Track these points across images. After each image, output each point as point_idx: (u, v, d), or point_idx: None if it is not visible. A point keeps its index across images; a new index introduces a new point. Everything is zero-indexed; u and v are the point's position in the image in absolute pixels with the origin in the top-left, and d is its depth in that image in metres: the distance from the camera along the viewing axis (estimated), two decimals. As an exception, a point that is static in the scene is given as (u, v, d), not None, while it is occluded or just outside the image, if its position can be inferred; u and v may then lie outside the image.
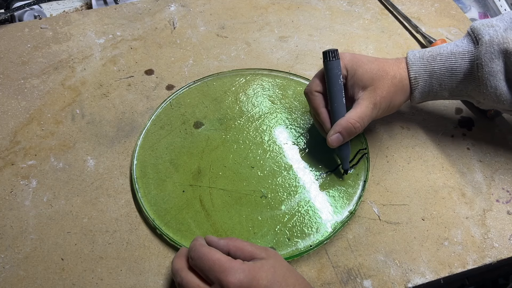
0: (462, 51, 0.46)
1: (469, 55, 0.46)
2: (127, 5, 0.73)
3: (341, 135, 0.46)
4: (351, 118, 0.46)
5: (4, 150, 0.53)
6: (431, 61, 0.47)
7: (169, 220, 0.47)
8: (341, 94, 0.47)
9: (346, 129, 0.46)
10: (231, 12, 0.72)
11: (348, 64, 0.48)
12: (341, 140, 0.47)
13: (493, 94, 0.45)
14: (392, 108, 0.49)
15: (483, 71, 0.44)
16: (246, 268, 0.35)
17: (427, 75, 0.47)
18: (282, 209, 0.47)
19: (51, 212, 0.48)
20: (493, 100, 0.45)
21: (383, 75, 0.47)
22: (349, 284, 0.43)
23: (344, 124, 0.46)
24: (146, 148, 0.53)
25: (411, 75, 0.48)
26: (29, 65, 0.63)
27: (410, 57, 0.48)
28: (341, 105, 0.47)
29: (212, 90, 0.59)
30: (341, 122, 0.46)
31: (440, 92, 0.48)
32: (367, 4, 0.74)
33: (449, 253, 0.45)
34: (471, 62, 0.45)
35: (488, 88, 0.45)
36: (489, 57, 0.44)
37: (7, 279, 0.43)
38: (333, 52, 0.47)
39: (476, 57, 0.45)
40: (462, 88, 0.47)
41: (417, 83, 0.48)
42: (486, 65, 0.44)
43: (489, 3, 0.79)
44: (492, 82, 0.44)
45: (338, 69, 0.47)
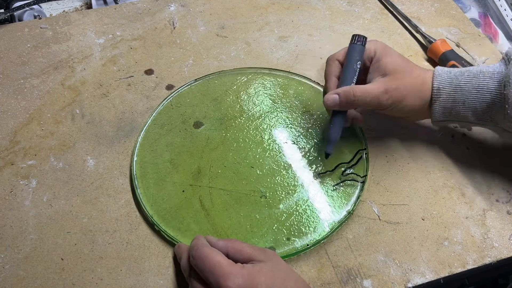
0: (492, 71, 0.45)
1: (498, 75, 0.44)
2: (127, 5, 0.73)
3: (338, 97, 0.46)
4: (356, 87, 0.45)
5: (4, 150, 0.53)
6: (458, 76, 0.46)
7: (168, 219, 0.47)
8: (352, 77, 0.47)
9: (345, 94, 0.45)
10: (231, 12, 0.72)
11: (378, 49, 0.48)
12: (337, 103, 0.46)
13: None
14: (403, 107, 0.47)
15: (510, 89, 0.42)
16: (246, 273, 0.35)
17: (451, 89, 0.46)
18: (280, 208, 0.47)
19: (51, 212, 0.48)
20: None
21: (407, 71, 0.47)
22: (349, 284, 0.43)
23: (346, 89, 0.45)
24: (146, 147, 0.53)
25: (434, 84, 0.46)
26: (29, 65, 0.63)
27: (438, 69, 0.47)
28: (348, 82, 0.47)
29: (212, 89, 0.59)
30: (344, 87, 0.46)
31: (463, 111, 0.46)
32: (367, 4, 0.74)
33: (449, 253, 0.45)
34: (499, 82, 0.43)
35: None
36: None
37: (7, 279, 0.43)
38: (360, 38, 0.47)
39: (505, 75, 0.43)
40: (487, 110, 0.45)
41: (439, 94, 0.46)
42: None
43: (489, 3, 0.79)
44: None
45: (359, 55, 0.47)
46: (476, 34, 0.68)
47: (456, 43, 0.66)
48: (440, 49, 0.62)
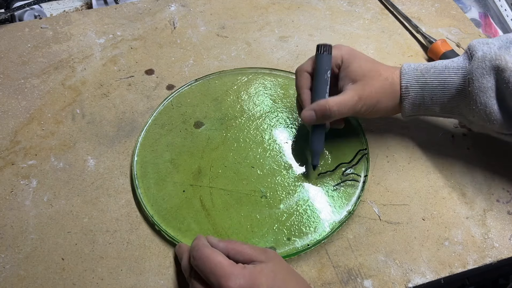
0: (456, 66, 0.46)
1: (462, 71, 0.45)
2: (127, 5, 0.73)
3: (314, 113, 0.46)
4: (330, 101, 0.46)
5: (4, 150, 0.53)
6: (424, 73, 0.47)
7: (169, 219, 0.47)
8: (324, 88, 0.47)
9: (321, 109, 0.46)
10: (231, 12, 0.72)
11: (344, 55, 0.48)
12: (314, 119, 0.46)
13: (482, 112, 0.44)
14: (377, 110, 0.48)
15: (474, 86, 0.43)
16: (247, 273, 0.35)
17: (419, 86, 0.47)
18: (281, 208, 0.47)
19: (51, 212, 0.48)
20: (483, 119, 0.44)
21: (375, 75, 0.47)
22: (350, 284, 0.43)
23: (322, 103, 0.46)
24: (147, 147, 0.53)
25: (402, 83, 0.47)
26: (29, 65, 0.63)
27: (405, 67, 0.48)
28: (321, 94, 0.47)
29: (213, 89, 0.59)
30: (319, 101, 0.46)
31: (432, 106, 0.48)
32: (367, 4, 0.74)
33: (450, 253, 0.45)
34: (464, 77, 0.45)
35: (478, 104, 0.44)
36: (480, 72, 0.43)
37: (8, 279, 0.43)
38: (326, 47, 0.47)
39: (469, 72, 0.44)
40: (454, 105, 0.47)
41: (407, 92, 0.47)
42: (477, 80, 0.43)
43: (489, 3, 0.79)
44: (482, 98, 0.43)
45: (327, 65, 0.47)
46: (476, 34, 0.68)
47: (457, 43, 0.66)
48: (440, 49, 0.62)
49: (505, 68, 0.42)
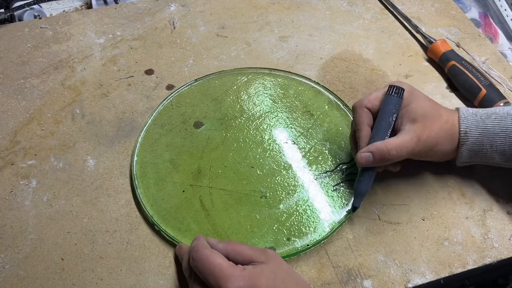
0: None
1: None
2: (127, 5, 0.73)
3: (372, 155, 0.43)
4: (389, 143, 0.43)
5: (4, 150, 0.53)
6: (484, 118, 0.45)
7: (169, 219, 0.47)
8: (387, 130, 0.45)
9: (380, 152, 0.43)
10: (231, 12, 0.72)
11: (405, 93, 0.46)
12: (370, 161, 0.43)
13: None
14: (435, 153, 0.46)
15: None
16: (246, 275, 0.35)
17: (478, 132, 0.45)
18: (281, 208, 0.47)
19: (51, 212, 0.48)
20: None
21: (436, 115, 0.45)
22: (349, 284, 0.43)
23: (380, 146, 0.43)
24: (146, 147, 0.53)
25: (461, 128, 0.45)
26: (29, 64, 0.63)
27: (463, 111, 0.46)
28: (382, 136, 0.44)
29: (213, 89, 0.59)
30: (377, 143, 0.43)
31: (491, 154, 0.45)
32: (367, 4, 0.74)
33: (449, 253, 0.45)
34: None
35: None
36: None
37: (7, 279, 0.43)
38: (398, 89, 0.45)
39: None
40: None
41: (466, 138, 0.45)
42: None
43: (489, 3, 0.79)
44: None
45: (395, 107, 0.45)
46: (476, 34, 0.68)
47: (456, 43, 0.66)
48: (440, 49, 0.62)
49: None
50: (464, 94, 0.59)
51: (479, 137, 0.45)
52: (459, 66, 0.59)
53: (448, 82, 0.61)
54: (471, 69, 0.58)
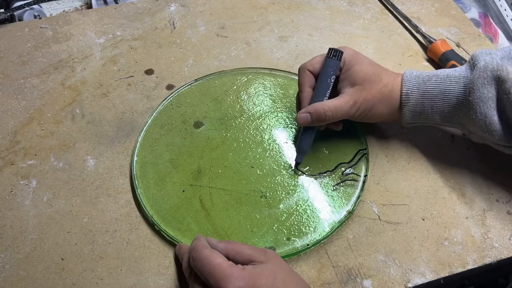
0: (458, 75, 0.46)
1: (463, 80, 0.45)
2: (127, 5, 0.73)
3: (310, 116, 0.47)
4: (326, 105, 0.46)
5: (4, 150, 0.53)
6: (426, 81, 0.47)
7: (169, 219, 0.47)
8: (325, 92, 0.48)
9: (317, 112, 0.46)
10: (231, 12, 0.72)
11: (347, 58, 0.48)
12: (309, 121, 0.47)
13: (482, 122, 0.43)
14: (372, 115, 0.49)
15: (474, 95, 0.43)
16: (246, 275, 0.35)
17: (419, 94, 0.47)
18: (281, 208, 0.47)
19: (51, 212, 0.48)
20: (483, 130, 0.44)
21: (375, 79, 0.48)
22: (349, 284, 0.43)
23: (317, 107, 0.47)
24: (146, 147, 0.53)
25: (403, 90, 0.47)
26: (29, 64, 0.63)
27: (406, 74, 0.48)
28: (321, 97, 0.48)
29: (213, 89, 0.59)
30: (315, 104, 0.47)
31: (432, 115, 0.47)
32: (367, 4, 0.74)
33: (449, 253, 0.45)
34: (465, 86, 0.45)
35: (478, 114, 0.43)
36: (482, 82, 0.43)
37: (7, 279, 0.43)
38: (336, 52, 0.48)
39: (470, 81, 0.44)
40: (454, 114, 0.46)
41: (408, 100, 0.47)
42: (478, 89, 0.43)
43: (489, 3, 0.79)
44: (482, 108, 0.43)
45: (334, 70, 0.48)
46: (476, 34, 0.68)
47: (456, 43, 0.66)
48: (440, 49, 0.62)
49: (506, 79, 0.41)
50: (464, 94, 0.59)
51: (420, 98, 0.47)
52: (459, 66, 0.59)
53: (448, 82, 0.61)
54: (471, 69, 0.58)
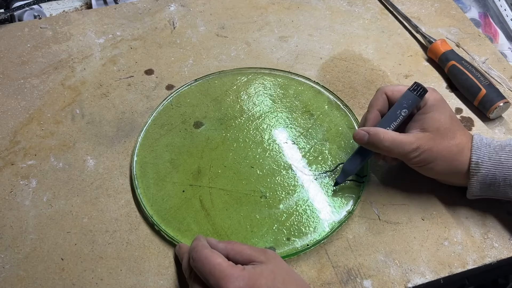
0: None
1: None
2: (127, 5, 0.73)
3: (368, 136, 0.44)
4: (387, 134, 0.43)
5: (4, 150, 0.53)
6: (498, 150, 0.43)
7: (168, 219, 0.47)
8: (392, 121, 0.45)
9: (375, 136, 0.43)
10: (231, 12, 0.72)
11: (430, 101, 0.45)
12: (363, 141, 0.44)
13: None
14: (430, 169, 0.45)
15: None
16: (246, 275, 0.35)
17: (491, 164, 0.43)
18: (280, 208, 0.47)
19: (51, 212, 0.48)
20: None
21: (448, 135, 0.44)
22: (349, 284, 0.43)
23: (379, 131, 0.43)
24: (146, 147, 0.53)
25: (473, 159, 0.43)
26: (29, 65, 0.63)
27: (476, 140, 0.44)
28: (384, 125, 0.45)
29: (212, 89, 0.59)
30: (378, 128, 0.44)
31: (504, 188, 0.43)
32: (367, 4, 0.74)
33: (449, 253, 0.45)
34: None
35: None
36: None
37: (7, 279, 0.43)
38: (419, 88, 0.44)
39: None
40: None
41: (478, 169, 0.43)
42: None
43: (489, 3, 0.79)
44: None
45: (408, 104, 0.44)
46: (476, 34, 0.68)
47: (456, 43, 0.66)
48: (440, 49, 0.62)
49: None
50: (464, 94, 0.59)
51: (492, 169, 0.43)
52: (459, 66, 0.59)
53: (448, 82, 0.61)
54: (471, 69, 0.58)
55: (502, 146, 0.43)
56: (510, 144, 0.43)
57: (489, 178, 0.43)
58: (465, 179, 0.45)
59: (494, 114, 0.55)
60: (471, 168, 0.43)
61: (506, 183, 0.42)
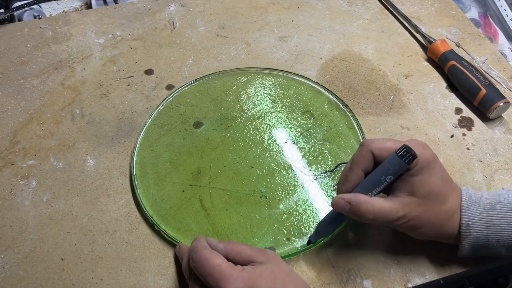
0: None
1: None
2: (126, 5, 0.73)
3: (349, 206, 0.39)
4: (370, 204, 0.38)
5: (4, 150, 0.53)
6: (488, 210, 0.40)
7: (168, 219, 0.47)
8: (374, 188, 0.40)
9: (357, 208, 0.39)
10: (231, 12, 0.72)
11: (421, 162, 0.39)
12: (344, 211, 0.39)
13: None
14: (417, 234, 0.41)
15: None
16: (246, 276, 0.35)
17: (482, 225, 0.40)
18: (280, 208, 0.47)
19: (50, 212, 0.48)
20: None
21: (439, 200, 0.40)
22: (349, 284, 0.43)
23: (361, 202, 0.38)
24: (146, 147, 0.53)
25: (463, 220, 0.40)
26: (29, 65, 0.63)
27: (465, 198, 0.41)
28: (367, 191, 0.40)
29: (212, 89, 0.59)
30: (360, 198, 0.39)
31: (497, 248, 0.40)
32: (367, 4, 0.74)
33: (449, 253, 0.45)
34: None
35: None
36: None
37: (7, 279, 0.43)
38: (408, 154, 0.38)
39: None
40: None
41: (468, 232, 0.40)
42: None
43: (489, 3, 0.79)
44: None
45: (394, 170, 0.39)
46: (476, 34, 0.68)
47: (456, 43, 0.66)
48: (440, 49, 0.62)
49: None
50: (463, 94, 0.59)
51: (484, 230, 0.40)
52: (459, 66, 0.59)
53: (447, 82, 0.61)
54: (471, 69, 0.58)
55: (492, 205, 0.40)
56: (500, 201, 0.40)
57: (481, 240, 0.40)
58: (456, 240, 0.42)
59: (494, 114, 0.55)
60: (462, 231, 0.40)
61: (500, 244, 0.40)
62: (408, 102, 0.58)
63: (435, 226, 0.40)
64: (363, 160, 0.40)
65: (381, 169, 0.39)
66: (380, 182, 0.39)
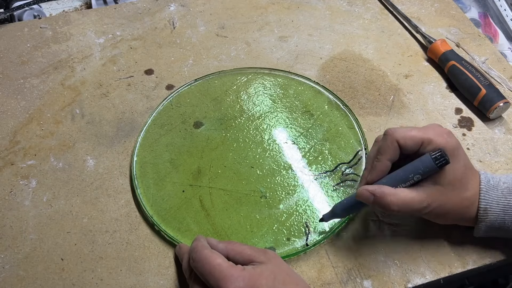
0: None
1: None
2: (126, 5, 0.73)
3: (373, 198, 0.39)
4: (395, 197, 0.38)
5: (4, 150, 0.53)
6: (506, 194, 0.41)
7: (168, 220, 0.47)
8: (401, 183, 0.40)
9: (381, 200, 0.39)
10: (231, 12, 0.72)
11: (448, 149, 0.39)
12: (368, 202, 0.40)
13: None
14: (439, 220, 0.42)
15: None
16: (246, 276, 0.35)
17: (499, 209, 0.41)
18: (281, 208, 0.47)
19: (51, 212, 0.48)
20: None
21: (461, 187, 0.40)
22: (349, 284, 0.43)
23: (386, 194, 0.39)
24: (146, 147, 0.53)
25: (481, 205, 0.41)
26: (29, 64, 0.63)
27: (484, 183, 0.41)
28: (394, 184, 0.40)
29: (212, 89, 0.59)
30: (385, 190, 0.39)
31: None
32: (367, 4, 0.74)
33: (449, 253, 0.45)
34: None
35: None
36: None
37: (7, 279, 0.43)
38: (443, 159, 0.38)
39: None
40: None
41: (486, 215, 0.41)
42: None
43: (489, 3, 0.79)
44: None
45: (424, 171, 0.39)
46: (476, 34, 0.68)
47: (456, 43, 0.66)
48: (440, 49, 0.62)
49: None
50: (464, 94, 0.59)
51: (501, 214, 0.41)
52: (459, 66, 0.59)
53: (447, 82, 0.61)
54: (471, 69, 0.58)
55: (510, 190, 0.41)
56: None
57: (498, 223, 0.41)
58: (474, 222, 0.43)
59: (494, 114, 0.55)
60: (479, 214, 0.41)
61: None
62: (408, 102, 0.58)
63: (457, 212, 0.41)
64: (390, 150, 0.40)
65: (411, 167, 0.39)
66: (407, 179, 0.40)
